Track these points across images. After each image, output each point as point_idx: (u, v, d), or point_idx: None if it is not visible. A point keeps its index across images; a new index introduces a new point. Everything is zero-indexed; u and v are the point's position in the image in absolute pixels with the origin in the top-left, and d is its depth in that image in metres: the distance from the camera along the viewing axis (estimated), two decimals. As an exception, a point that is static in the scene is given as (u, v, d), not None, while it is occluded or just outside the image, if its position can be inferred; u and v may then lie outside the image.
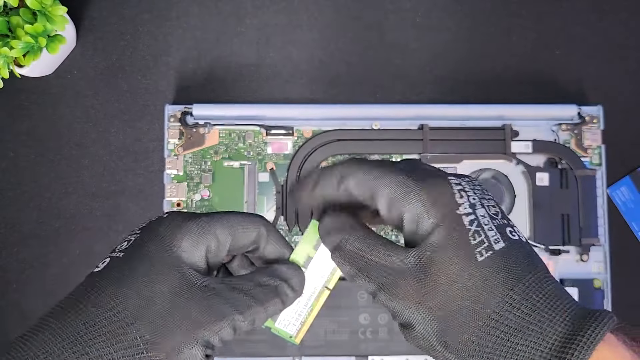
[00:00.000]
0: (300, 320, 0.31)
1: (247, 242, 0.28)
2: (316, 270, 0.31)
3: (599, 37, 0.49)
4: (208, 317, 0.25)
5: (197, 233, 0.27)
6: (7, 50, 0.39)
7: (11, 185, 0.47)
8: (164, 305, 0.25)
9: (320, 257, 0.30)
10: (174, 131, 0.45)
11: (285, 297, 0.28)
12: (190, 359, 0.25)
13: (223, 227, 0.27)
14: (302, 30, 0.49)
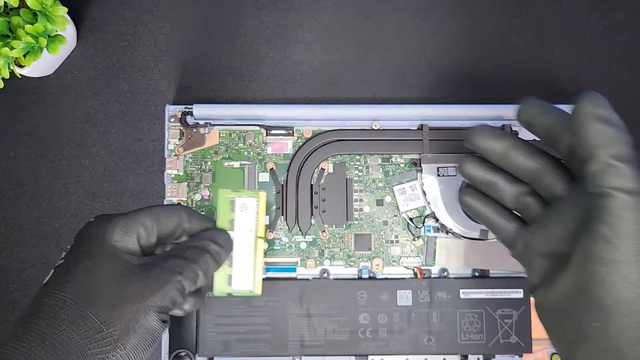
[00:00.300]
0: (251, 274, 0.34)
1: (172, 226, 0.32)
2: (243, 228, 0.34)
3: (599, 37, 0.49)
4: (152, 285, 0.28)
5: (125, 224, 0.30)
6: (8, 51, 0.40)
7: (11, 185, 0.47)
8: (111, 286, 0.28)
9: (241, 216, 0.34)
10: (175, 131, 0.45)
11: (216, 254, 0.32)
12: (146, 325, 0.28)
13: (147, 215, 0.31)
14: (302, 30, 0.49)
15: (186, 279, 0.29)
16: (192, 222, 0.33)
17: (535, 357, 0.45)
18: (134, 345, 0.27)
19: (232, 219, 0.34)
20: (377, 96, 0.48)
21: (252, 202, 0.35)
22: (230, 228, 0.34)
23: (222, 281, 0.34)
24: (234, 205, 0.34)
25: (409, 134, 0.45)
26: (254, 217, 0.34)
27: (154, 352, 0.46)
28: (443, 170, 0.45)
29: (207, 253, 0.31)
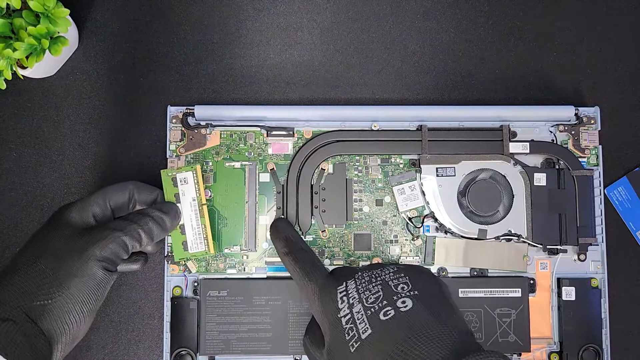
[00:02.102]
0: (202, 237, 0.41)
1: (123, 199, 0.39)
2: (187, 198, 0.40)
3: (596, 38, 0.50)
4: (93, 239, 0.34)
5: (80, 206, 0.37)
6: (10, 52, 0.40)
7: (14, 185, 0.47)
8: (59, 244, 0.34)
9: (183, 188, 0.40)
10: (176, 132, 0.46)
11: (158, 218, 0.38)
12: (88, 271, 0.33)
13: (99, 195, 0.38)
14: (302, 32, 0.49)
15: (126, 235, 0.35)
16: (140, 193, 0.40)
17: (534, 356, 0.45)
18: (78, 288, 0.32)
19: (176, 192, 0.40)
20: (377, 97, 0.49)
21: (190, 174, 0.40)
22: (177, 201, 0.40)
23: (179, 248, 0.40)
24: (175, 181, 0.40)
25: (408, 135, 0.46)
26: (194, 187, 0.40)
27: (154, 351, 0.46)
28: (442, 171, 0.46)
29: (147, 216, 0.37)
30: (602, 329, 0.45)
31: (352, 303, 0.32)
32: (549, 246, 0.45)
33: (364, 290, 0.32)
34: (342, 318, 0.31)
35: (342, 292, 0.33)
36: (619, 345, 0.47)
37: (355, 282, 0.33)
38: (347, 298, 0.32)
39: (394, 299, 0.31)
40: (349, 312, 0.31)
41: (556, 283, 0.46)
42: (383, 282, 0.33)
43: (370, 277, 0.34)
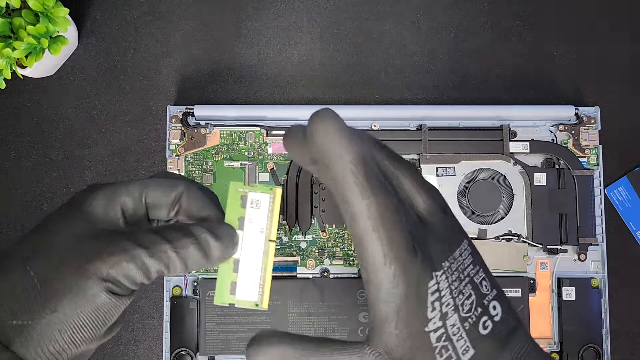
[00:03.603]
0: (259, 284, 0.29)
1: (165, 200, 0.28)
2: (253, 228, 0.29)
3: (596, 38, 0.50)
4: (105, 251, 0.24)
5: (110, 191, 0.27)
6: (10, 51, 0.40)
7: (13, 185, 0.47)
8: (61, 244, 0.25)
9: (252, 214, 0.29)
10: (176, 132, 0.46)
11: (204, 243, 0.26)
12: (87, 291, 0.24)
13: (137, 185, 0.27)
14: (302, 32, 0.49)
15: (152, 257, 0.25)
16: (191, 201, 0.28)
17: (534, 355, 0.45)
18: (67, 310, 0.24)
19: (241, 216, 0.29)
20: (377, 97, 0.49)
21: (266, 198, 0.29)
22: (239, 227, 0.29)
23: (224, 289, 0.29)
24: (245, 201, 0.29)
25: (408, 135, 0.46)
26: (267, 216, 0.29)
27: (154, 350, 0.46)
28: (442, 170, 0.46)
29: (191, 237, 0.26)
30: (602, 329, 0.45)
31: (445, 312, 0.23)
32: (549, 246, 0.45)
33: (457, 292, 0.24)
34: (432, 333, 0.23)
35: (434, 294, 0.23)
36: (619, 345, 0.47)
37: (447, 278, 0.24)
38: (439, 304, 0.23)
39: (484, 303, 0.24)
40: (441, 326, 0.23)
41: (556, 283, 0.46)
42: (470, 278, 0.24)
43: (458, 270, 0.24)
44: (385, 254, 0.22)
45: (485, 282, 0.24)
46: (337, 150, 0.21)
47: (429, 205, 0.25)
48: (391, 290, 0.22)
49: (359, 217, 0.21)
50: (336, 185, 0.22)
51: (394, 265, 0.22)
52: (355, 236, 0.22)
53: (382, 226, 0.21)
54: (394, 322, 0.22)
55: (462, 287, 0.24)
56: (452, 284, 0.24)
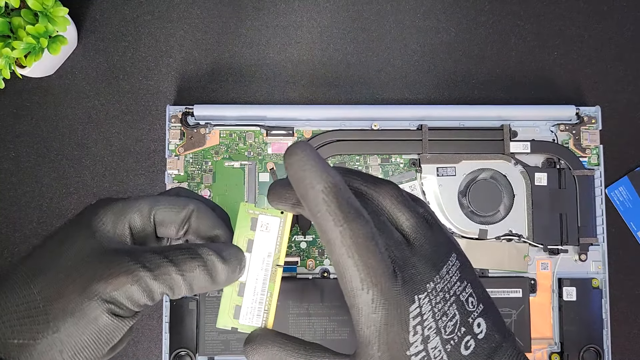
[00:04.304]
0: (264, 309, 0.28)
1: (174, 219, 0.28)
2: (261, 251, 0.28)
3: (597, 38, 0.50)
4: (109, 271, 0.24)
5: (119, 208, 0.27)
6: (9, 51, 0.40)
7: (13, 185, 0.47)
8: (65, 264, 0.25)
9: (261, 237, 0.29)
10: (175, 132, 0.45)
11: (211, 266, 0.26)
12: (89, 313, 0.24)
13: (147, 202, 0.27)
14: (302, 31, 0.49)
15: (156, 279, 0.25)
16: (200, 221, 0.28)
17: (534, 356, 0.45)
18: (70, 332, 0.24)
19: (250, 238, 0.29)
20: (377, 97, 0.49)
21: (276, 221, 0.29)
22: (247, 249, 0.28)
23: (227, 312, 0.28)
24: (255, 223, 0.29)
25: (408, 134, 0.46)
26: (276, 240, 0.29)
27: (153, 351, 0.46)
28: (442, 170, 0.45)
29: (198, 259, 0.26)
30: (602, 329, 0.45)
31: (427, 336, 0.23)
32: (549, 246, 0.45)
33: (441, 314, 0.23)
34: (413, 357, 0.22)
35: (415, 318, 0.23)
36: (620, 346, 0.47)
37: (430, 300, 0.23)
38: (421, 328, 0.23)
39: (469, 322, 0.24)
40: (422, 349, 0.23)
41: (557, 283, 0.45)
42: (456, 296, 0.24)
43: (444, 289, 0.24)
44: (362, 279, 0.22)
45: (472, 298, 0.24)
46: (309, 180, 0.21)
47: (412, 223, 0.24)
48: (371, 315, 0.23)
49: (333, 245, 0.22)
50: (312, 214, 0.22)
51: (371, 290, 0.22)
52: (334, 263, 0.22)
53: (357, 252, 0.22)
54: (376, 345, 0.23)
55: (446, 308, 0.24)
56: (436, 306, 0.23)
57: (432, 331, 0.23)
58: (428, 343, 0.23)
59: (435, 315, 0.23)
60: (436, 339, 0.23)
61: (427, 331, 0.23)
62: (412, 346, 0.23)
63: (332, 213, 0.22)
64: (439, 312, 0.23)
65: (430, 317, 0.23)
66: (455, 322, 0.23)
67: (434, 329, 0.23)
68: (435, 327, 0.23)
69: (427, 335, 0.23)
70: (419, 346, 0.23)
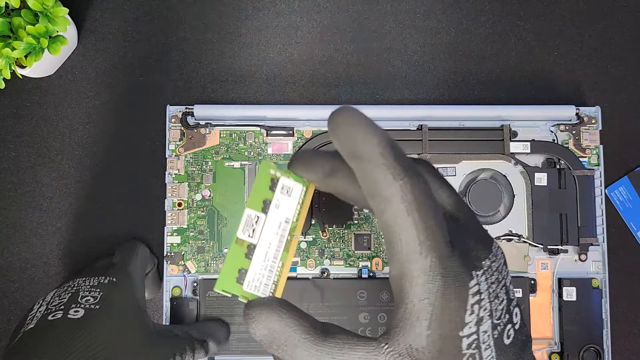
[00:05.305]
0: (273, 279, 0.25)
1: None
2: (279, 215, 0.25)
3: (597, 38, 0.50)
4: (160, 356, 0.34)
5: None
6: (9, 51, 0.40)
7: (13, 185, 0.47)
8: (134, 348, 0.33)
9: (281, 199, 0.25)
10: (175, 132, 0.45)
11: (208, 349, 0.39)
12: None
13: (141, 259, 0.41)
14: (302, 31, 0.49)
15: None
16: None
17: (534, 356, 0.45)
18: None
19: (268, 199, 0.25)
20: (377, 97, 0.49)
21: (299, 188, 0.25)
22: (263, 210, 0.25)
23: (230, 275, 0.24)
24: (275, 184, 0.25)
25: (408, 134, 0.46)
26: (296, 207, 0.25)
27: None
28: (442, 171, 0.45)
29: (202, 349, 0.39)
30: (602, 330, 0.45)
31: (481, 317, 0.20)
32: (549, 246, 0.45)
33: (494, 296, 0.21)
34: (465, 339, 0.20)
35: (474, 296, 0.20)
36: (620, 346, 0.47)
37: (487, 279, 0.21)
38: (478, 308, 0.20)
39: (511, 310, 0.22)
40: (475, 331, 0.20)
41: (557, 283, 0.45)
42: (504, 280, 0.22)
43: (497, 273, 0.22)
44: (421, 241, 0.19)
45: (511, 286, 0.22)
46: (362, 135, 0.20)
47: (455, 200, 0.22)
48: (427, 284, 0.20)
49: (391, 201, 0.19)
50: (365, 172, 0.20)
51: (430, 255, 0.19)
52: (387, 224, 0.20)
53: (418, 210, 0.19)
54: (427, 322, 0.20)
55: (498, 290, 0.22)
56: (491, 286, 0.21)
57: (487, 313, 0.21)
58: (481, 325, 0.20)
59: (490, 296, 0.21)
60: (488, 322, 0.21)
61: (482, 312, 0.20)
62: (467, 327, 0.20)
63: (390, 166, 0.19)
64: (493, 293, 0.21)
65: (487, 298, 0.21)
66: (503, 307, 0.21)
67: (487, 311, 0.21)
68: (489, 308, 0.21)
69: (482, 317, 0.20)
70: (472, 327, 0.20)
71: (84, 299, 0.33)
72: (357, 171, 0.20)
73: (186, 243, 0.45)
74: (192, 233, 0.45)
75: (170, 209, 0.45)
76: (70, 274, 0.47)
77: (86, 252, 0.47)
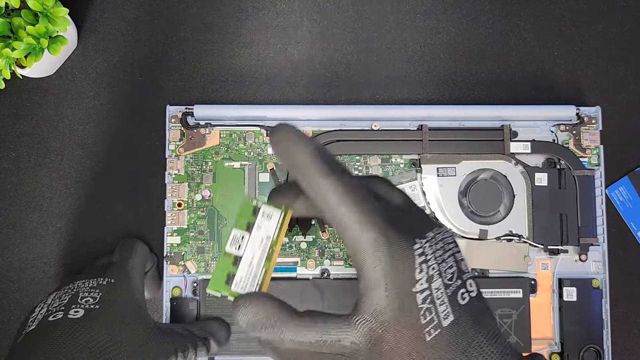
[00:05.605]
0: (257, 282, 0.29)
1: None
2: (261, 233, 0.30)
3: (597, 38, 0.50)
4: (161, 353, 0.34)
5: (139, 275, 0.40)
6: (9, 52, 0.40)
7: (13, 185, 0.47)
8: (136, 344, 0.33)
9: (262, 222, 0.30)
10: (175, 132, 0.45)
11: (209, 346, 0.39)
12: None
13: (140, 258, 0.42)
14: (302, 31, 0.49)
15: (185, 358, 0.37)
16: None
17: (534, 356, 0.45)
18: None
19: (251, 222, 0.30)
20: (377, 97, 0.49)
21: (277, 213, 0.30)
22: (247, 230, 0.29)
23: (220, 278, 0.29)
24: (257, 211, 0.30)
25: (408, 135, 0.46)
26: (275, 228, 0.30)
27: (154, 352, 0.46)
28: (442, 171, 0.45)
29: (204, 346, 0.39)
30: (602, 330, 0.45)
31: (431, 275, 0.23)
32: (550, 246, 0.45)
33: (441, 260, 0.24)
34: (418, 294, 0.23)
35: (420, 256, 0.23)
36: (620, 346, 0.47)
37: (431, 246, 0.24)
38: (426, 267, 0.23)
39: (464, 278, 0.24)
40: (427, 287, 0.23)
41: (557, 283, 0.45)
42: (452, 253, 0.25)
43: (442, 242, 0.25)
44: (360, 221, 0.23)
45: (464, 262, 0.25)
46: (295, 147, 0.23)
47: (404, 199, 0.27)
48: (376, 253, 0.23)
49: (326, 197, 0.23)
50: (302, 178, 0.24)
51: (371, 230, 0.23)
52: (331, 217, 0.24)
53: (349, 199, 0.23)
54: (383, 284, 0.23)
55: (445, 257, 0.24)
56: (437, 251, 0.24)
57: (435, 272, 0.23)
58: (432, 283, 0.23)
59: (437, 259, 0.24)
60: (439, 280, 0.23)
61: (431, 271, 0.23)
62: (418, 283, 0.23)
63: (319, 168, 0.23)
64: (440, 257, 0.24)
65: (433, 259, 0.24)
66: (453, 272, 0.24)
67: (436, 270, 0.23)
68: (437, 269, 0.24)
69: (431, 275, 0.23)
70: (424, 284, 0.23)
71: (84, 299, 0.33)
72: (298, 179, 0.24)
73: (186, 243, 0.45)
74: (192, 233, 0.45)
75: (170, 209, 0.45)
76: (70, 274, 0.47)
77: (86, 252, 0.47)
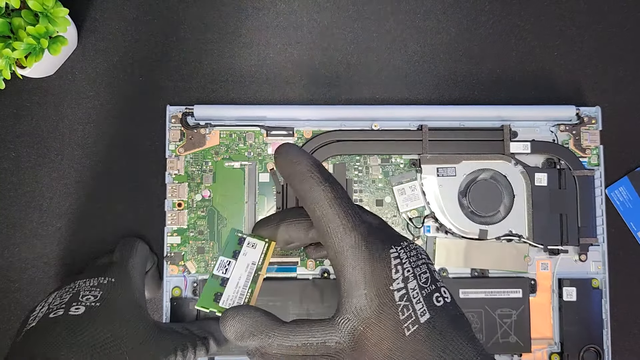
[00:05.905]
0: (244, 301, 0.32)
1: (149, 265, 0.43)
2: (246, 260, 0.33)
3: (597, 38, 0.50)
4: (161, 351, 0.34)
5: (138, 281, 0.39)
6: (9, 52, 0.40)
7: (13, 185, 0.47)
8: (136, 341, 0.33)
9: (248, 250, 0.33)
10: (175, 132, 0.45)
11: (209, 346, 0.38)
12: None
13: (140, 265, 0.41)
14: (302, 31, 0.49)
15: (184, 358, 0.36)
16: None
17: (534, 356, 0.45)
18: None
19: (238, 250, 0.33)
20: (377, 97, 0.49)
21: (261, 244, 0.34)
22: (233, 257, 0.33)
23: (208, 296, 0.32)
24: (242, 242, 0.34)
25: (408, 135, 0.46)
26: (260, 256, 0.33)
27: (154, 352, 0.46)
28: (442, 171, 0.45)
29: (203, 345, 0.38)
30: (602, 330, 0.45)
31: (407, 277, 0.26)
32: (549, 246, 0.45)
33: (415, 265, 0.27)
34: (395, 292, 0.25)
35: (396, 259, 0.26)
36: (620, 346, 0.47)
37: (406, 252, 0.27)
38: (401, 268, 0.26)
39: (438, 285, 0.26)
40: (403, 287, 0.25)
41: (557, 283, 0.45)
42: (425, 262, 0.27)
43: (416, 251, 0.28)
44: (344, 225, 0.27)
45: (437, 273, 0.28)
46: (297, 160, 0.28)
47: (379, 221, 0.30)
48: (356, 254, 0.26)
49: (317, 201, 0.27)
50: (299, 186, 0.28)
51: (353, 233, 0.26)
52: (319, 219, 0.27)
53: (337, 204, 0.27)
54: (363, 283, 0.26)
55: (419, 263, 0.27)
56: (411, 257, 0.27)
57: (411, 274, 0.26)
58: (408, 283, 0.26)
59: (412, 264, 0.27)
60: (414, 281, 0.26)
61: (407, 273, 0.26)
62: (395, 282, 0.26)
63: (315, 177, 0.27)
64: (414, 263, 0.27)
65: (408, 263, 0.27)
66: (427, 277, 0.27)
67: (412, 273, 0.26)
68: (412, 272, 0.26)
69: (407, 276, 0.26)
70: (400, 283, 0.26)
71: (85, 297, 0.33)
72: (294, 187, 0.28)
73: (186, 243, 0.45)
74: (192, 233, 0.45)
75: (170, 209, 0.45)
76: (71, 274, 0.47)
77: (86, 252, 0.47)
